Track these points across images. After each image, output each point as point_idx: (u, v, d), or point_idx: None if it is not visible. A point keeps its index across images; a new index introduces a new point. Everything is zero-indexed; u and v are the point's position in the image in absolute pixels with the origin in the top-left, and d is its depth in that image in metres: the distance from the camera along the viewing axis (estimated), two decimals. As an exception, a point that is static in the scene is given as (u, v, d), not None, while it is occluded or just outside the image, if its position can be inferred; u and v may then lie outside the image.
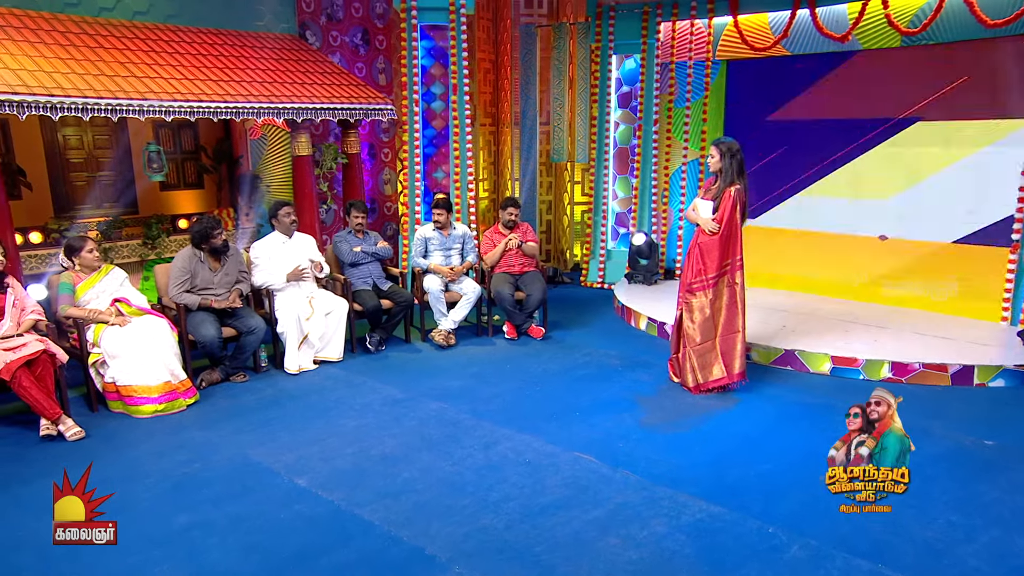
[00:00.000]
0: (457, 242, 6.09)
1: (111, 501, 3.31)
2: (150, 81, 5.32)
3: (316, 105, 6.04)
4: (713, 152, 4.64)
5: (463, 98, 6.98)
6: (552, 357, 5.57)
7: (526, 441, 4.05)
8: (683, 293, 4.75)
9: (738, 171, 4.59)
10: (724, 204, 4.57)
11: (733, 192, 4.56)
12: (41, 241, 5.84)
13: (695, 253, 4.68)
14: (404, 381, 5.02)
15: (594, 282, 8.04)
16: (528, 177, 8.27)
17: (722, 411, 4.48)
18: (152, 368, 4.32)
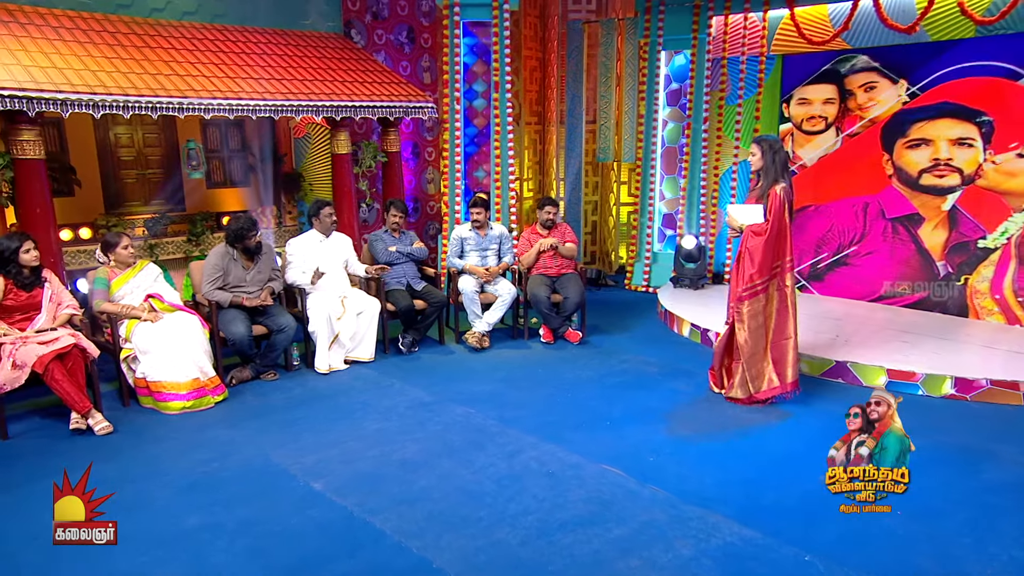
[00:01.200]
0: (494, 242, 5.96)
1: (124, 499, 3.35)
2: (192, 79, 5.37)
3: (355, 103, 6.01)
4: (754, 150, 4.38)
5: (505, 96, 6.84)
6: (587, 363, 5.38)
7: (551, 451, 3.88)
8: (734, 302, 4.47)
9: (782, 169, 4.33)
10: (772, 204, 4.30)
11: (780, 191, 4.29)
12: (91, 237, 5.99)
13: (744, 258, 4.41)
14: (433, 384, 4.91)
15: (639, 285, 7.79)
16: (572, 177, 8.08)
17: (764, 426, 4.21)
18: (181, 365, 4.34)
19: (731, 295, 4.53)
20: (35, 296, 4.14)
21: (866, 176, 6.27)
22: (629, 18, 7.65)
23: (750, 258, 4.36)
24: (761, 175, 4.38)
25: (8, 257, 4.03)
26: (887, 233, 6.25)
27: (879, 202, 6.25)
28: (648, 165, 7.64)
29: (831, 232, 6.57)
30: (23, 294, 4.10)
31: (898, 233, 6.18)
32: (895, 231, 6.20)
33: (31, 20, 5.25)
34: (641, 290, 7.74)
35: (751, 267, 4.35)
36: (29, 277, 4.11)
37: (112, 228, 6.04)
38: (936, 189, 5.89)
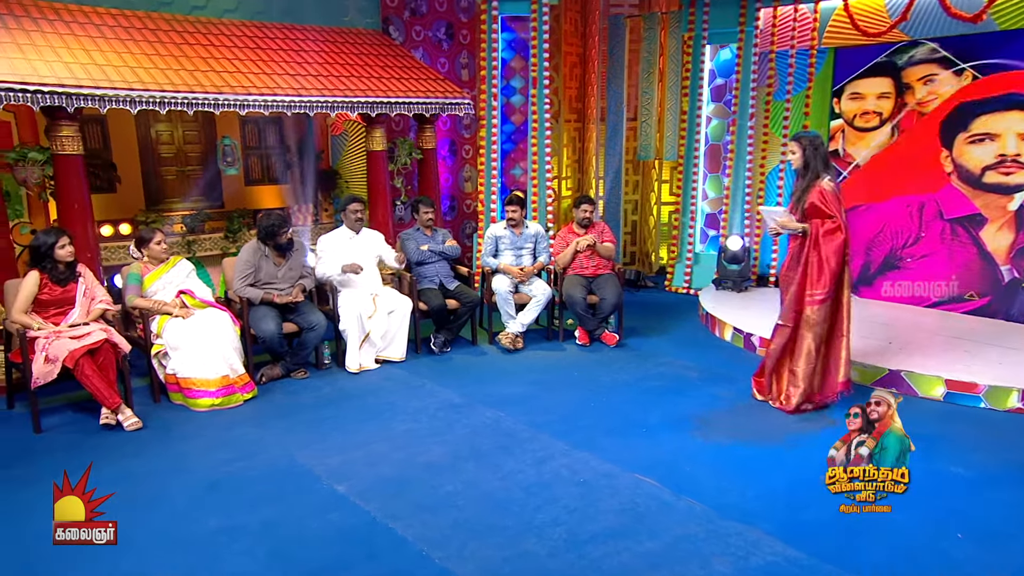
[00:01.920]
0: (529, 241, 5.82)
1: (147, 496, 3.32)
2: (228, 76, 5.37)
3: (390, 99, 5.94)
4: (794, 148, 4.16)
5: (543, 92, 6.69)
6: (624, 366, 5.20)
7: (583, 458, 3.72)
8: (800, 306, 4.19)
9: (824, 164, 4.11)
10: (829, 202, 4.05)
11: (830, 186, 4.06)
12: (130, 233, 6.04)
13: (813, 260, 4.12)
14: (464, 385, 4.80)
15: (679, 287, 7.55)
16: (612, 175, 7.90)
17: (810, 435, 3.97)
18: (211, 361, 4.31)
19: (794, 299, 4.23)
20: (69, 291, 4.16)
21: (922, 174, 5.93)
22: (673, 12, 7.43)
23: (825, 259, 4.09)
24: (802, 173, 4.15)
25: (44, 252, 4.05)
26: (945, 235, 5.90)
27: (936, 202, 5.91)
28: (691, 163, 7.40)
29: (883, 233, 6.24)
30: (58, 289, 4.12)
31: (957, 235, 5.83)
32: (954, 233, 5.85)
33: (75, 18, 5.32)
34: (682, 292, 7.51)
35: (826, 269, 4.08)
36: (64, 272, 4.14)
37: (151, 224, 6.10)
38: (1002, 187, 5.53)
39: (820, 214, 4.12)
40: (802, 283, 4.20)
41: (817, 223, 4.13)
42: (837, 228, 4.08)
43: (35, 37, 4.87)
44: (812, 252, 4.15)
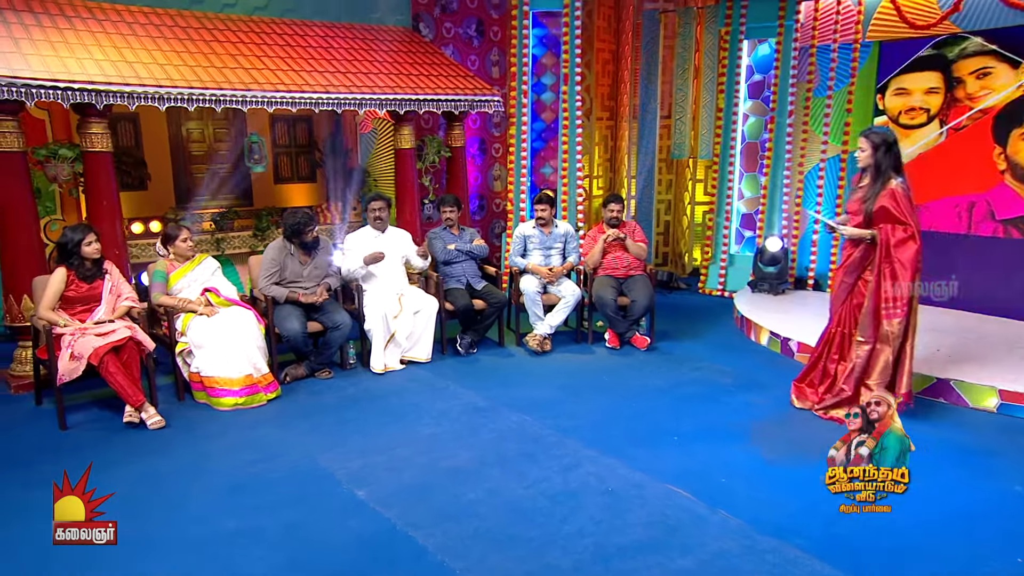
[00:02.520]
0: (559, 241, 5.68)
1: (167, 497, 3.27)
2: (257, 73, 5.34)
3: (418, 96, 5.86)
4: (863, 145, 3.90)
5: (574, 89, 6.55)
6: (655, 371, 5.03)
7: (612, 466, 3.58)
8: (879, 321, 3.94)
9: (894, 165, 3.85)
10: (902, 206, 3.80)
11: (903, 189, 3.83)
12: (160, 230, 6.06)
13: (886, 272, 3.87)
14: (489, 388, 4.68)
15: (713, 289, 7.35)
16: (645, 174, 7.72)
17: (852, 449, 3.76)
18: (234, 360, 4.27)
19: (872, 313, 3.95)
20: (95, 288, 4.15)
21: (973, 172, 5.65)
22: (709, 6, 7.22)
23: (900, 271, 3.85)
24: (868, 173, 3.92)
25: (71, 249, 4.05)
26: (996, 236, 5.60)
27: (987, 201, 5.62)
28: (726, 162, 7.19)
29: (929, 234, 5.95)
30: (84, 285, 4.11)
31: (1010, 236, 5.53)
32: (1007, 234, 5.55)
33: (108, 17, 5.34)
34: (716, 294, 7.30)
35: (903, 281, 3.84)
36: (91, 269, 4.13)
37: (180, 222, 6.11)
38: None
39: (891, 219, 3.85)
40: (877, 297, 3.95)
41: (887, 230, 3.87)
42: (911, 237, 3.82)
43: (68, 35, 4.89)
44: (884, 263, 3.89)
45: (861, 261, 4.03)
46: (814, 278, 6.78)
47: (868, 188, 3.96)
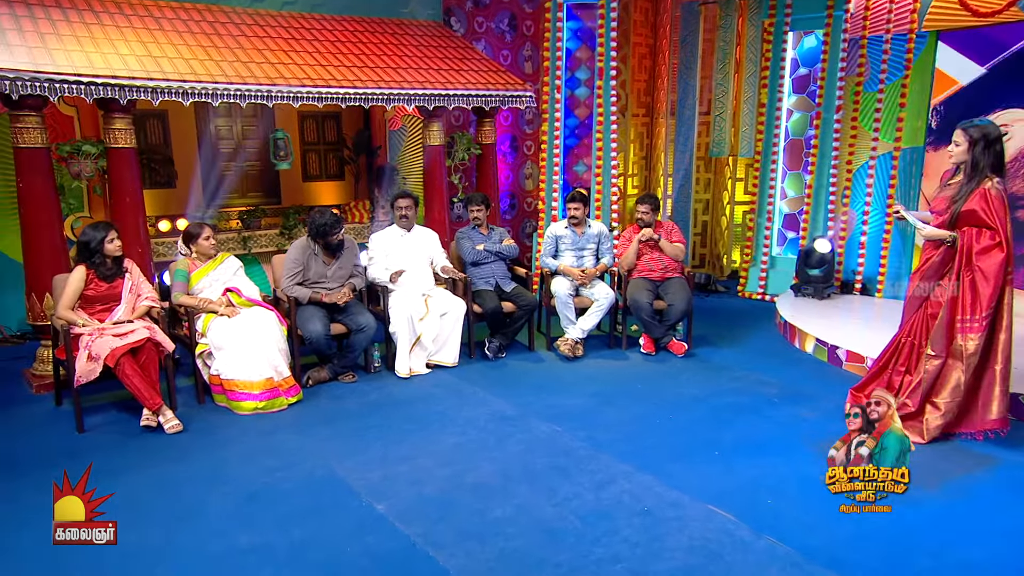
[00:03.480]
0: (592, 241, 5.45)
1: (182, 506, 3.13)
2: (283, 68, 5.22)
3: (448, 91, 5.67)
4: (959, 138, 3.56)
5: (609, 83, 6.30)
6: (693, 379, 4.77)
7: (648, 484, 3.34)
8: (952, 334, 3.64)
9: (993, 163, 3.50)
10: (994, 210, 3.47)
11: (998, 191, 3.49)
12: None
13: (966, 281, 3.56)
14: (518, 395, 4.48)
15: (753, 292, 7.04)
16: (682, 173, 7.43)
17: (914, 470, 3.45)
18: (255, 363, 4.13)
19: (945, 326, 3.65)
20: (115, 287, 4.05)
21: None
22: (752, -3, 6.92)
23: (983, 279, 3.53)
24: (963, 170, 3.59)
25: (93, 247, 3.95)
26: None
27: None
28: (768, 160, 6.87)
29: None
30: (103, 284, 4.01)
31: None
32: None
33: (135, 12, 5.26)
34: (756, 298, 7.00)
35: (983, 293, 3.52)
36: (111, 268, 4.02)
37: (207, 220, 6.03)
38: None
39: (978, 222, 3.53)
40: (953, 308, 3.63)
41: (970, 234, 3.56)
42: (997, 245, 3.50)
43: (94, 30, 4.81)
44: (965, 271, 3.58)
45: (940, 267, 3.69)
46: (861, 282, 6.43)
47: (960, 187, 3.60)
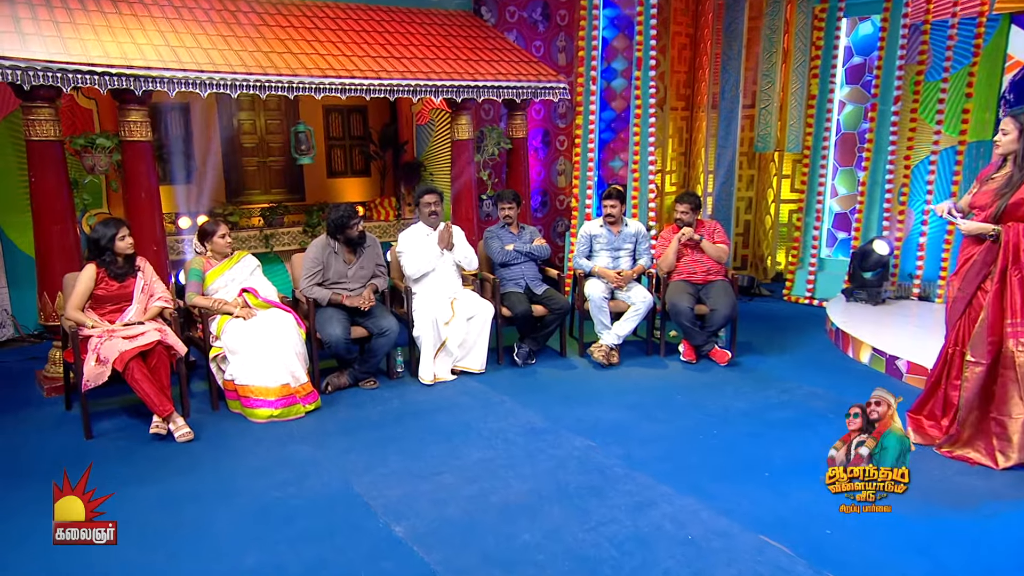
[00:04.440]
0: (628, 241, 5.17)
1: (189, 521, 2.97)
2: (306, 58, 5.04)
3: (477, 82, 5.45)
4: (1007, 127, 3.27)
5: (648, 74, 6.02)
6: (738, 390, 4.47)
7: (691, 508, 3.07)
8: (996, 338, 3.35)
9: None
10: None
11: None
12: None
13: (1013, 280, 3.28)
14: (549, 405, 4.23)
15: (800, 296, 6.71)
16: (724, 169, 7.11)
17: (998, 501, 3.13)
18: (271, 368, 3.95)
19: (988, 328, 3.36)
20: (127, 286, 3.90)
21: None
22: (802, -18, 6.57)
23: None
24: (1011, 161, 3.28)
25: (104, 245, 3.80)
26: None
27: None
28: (818, 155, 6.52)
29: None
30: (114, 284, 3.87)
31: None
32: None
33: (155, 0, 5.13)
34: (803, 302, 6.67)
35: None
36: (122, 266, 3.88)
37: (228, 216, 5.91)
38: None
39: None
40: (996, 308, 3.32)
41: (1016, 229, 3.26)
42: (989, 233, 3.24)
43: (112, 19, 4.69)
44: (1012, 269, 3.27)
45: (982, 266, 3.38)
46: (920, 286, 6.04)
47: (1007, 178, 3.30)
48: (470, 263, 4.94)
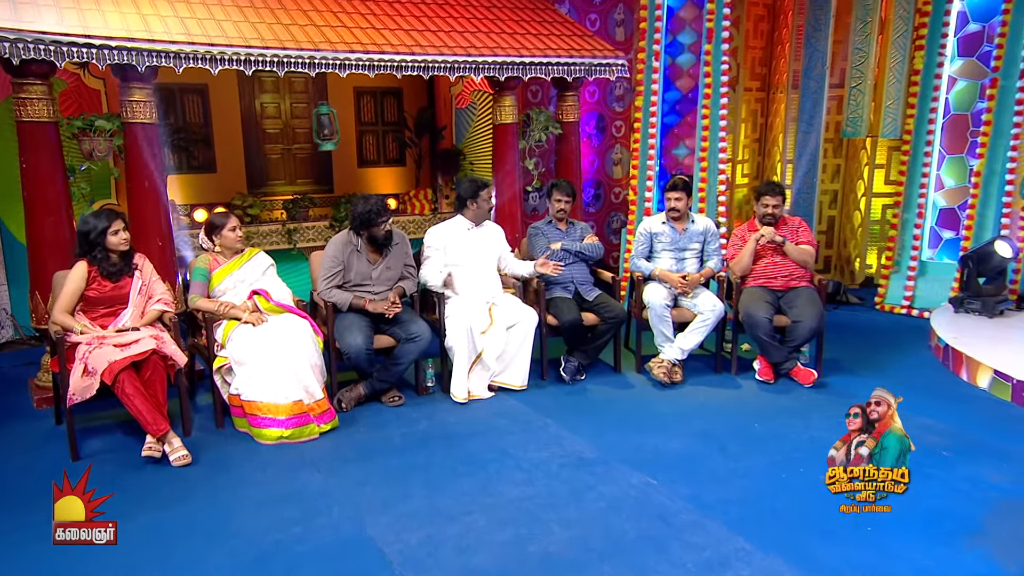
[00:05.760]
0: (695, 240, 4.74)
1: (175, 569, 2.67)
2: (330, 31, 4.77)
3: (523, 58, 5.09)
4: None
5: (720, 47, 5.57)
6: (827, 419, 3.98)
7: (776, 570, 2.64)
8: None
9: None
10: None
11: None
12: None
13: None
14: (601, 430, 3.84)
15: (896, 306, 6.19)
16: (807, 158, 6.68)
17: None
18: (282, 382, 3.66)
19: None
20: (122, 287, 3.66)
21: None
22: (903, -61, 6.03)
23: None
24: None
25: (93, 240, 3.56)
26: None
27: None
28: (922, 141, 5.97)
29: None
30: (108, 284, 3.63)
31: None
32: None
33: (170, -30, 4.92)
34: (899, 312, 6.15)
35: None
36: (117, 264, 3.63)
37: (248, 208, 5.69)
38: None
39: None
40: None
41: None
42: None
43: (118, -12, 4.48)
44: None
45: None
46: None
47: None
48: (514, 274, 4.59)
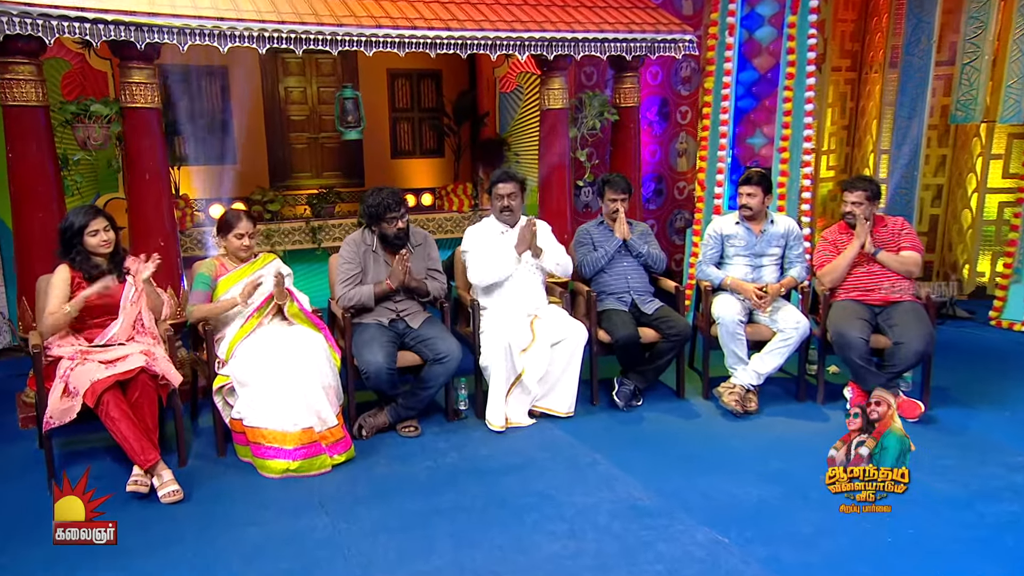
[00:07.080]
0: (775, 244, 4.36)
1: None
2: (357, 4, 4.60)
3: (574, 34, 4.79)
4: None
5: (806, 18, 5.17)
6: (938, 462, 3.53)
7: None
8: None
9: None
10: None
11: None
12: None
13: None
14: (659, 470, 3.48)
15: (1015, 321, 5.77)
16: (908, 148, 6.23)
17: None
18: (290, 407, 3.40)
19: None
20: (112, 295, 3.43)
21: None
22: None
23: None
24: None
25: (70, 240, 3.35)
26: None
27: None
28: (1050, 126, 5.43)
29: None
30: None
31: None
32: None
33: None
34: (1020, 330, 5.72)
35: None
36: (100, 267, 3.41)
37: (268, 204, 5.49)
38: None
39: None
40: None
41: None
42: None
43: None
44: None
45: None
46: None
47: None
48: (564, 269, 4.26)
